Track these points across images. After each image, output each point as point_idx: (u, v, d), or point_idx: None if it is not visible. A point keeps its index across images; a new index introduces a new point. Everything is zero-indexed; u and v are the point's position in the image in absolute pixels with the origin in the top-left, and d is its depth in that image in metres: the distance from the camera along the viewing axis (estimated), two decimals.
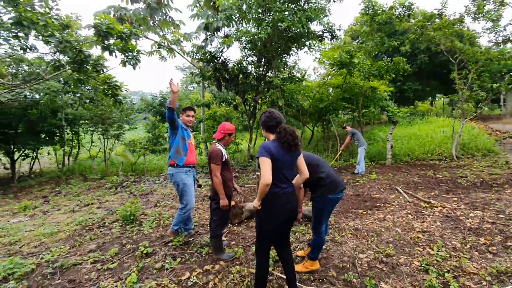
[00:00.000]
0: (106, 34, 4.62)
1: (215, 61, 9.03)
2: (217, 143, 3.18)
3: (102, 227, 4.54)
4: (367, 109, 11.66)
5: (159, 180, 8.48)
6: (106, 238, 4.03)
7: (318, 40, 8.85)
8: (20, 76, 7.52)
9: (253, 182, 7.21)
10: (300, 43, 8.88)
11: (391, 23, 9.23)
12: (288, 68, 10.19)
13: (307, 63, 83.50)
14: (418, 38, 9.73)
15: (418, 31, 9.49)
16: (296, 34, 8.00)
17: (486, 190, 5.44)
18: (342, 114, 14.15)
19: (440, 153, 9.33)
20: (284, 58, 9.71)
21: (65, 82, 9.37)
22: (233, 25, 8.64)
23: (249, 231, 3.99)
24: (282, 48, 8.92)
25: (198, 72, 9.57)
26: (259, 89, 9.34)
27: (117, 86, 6.24)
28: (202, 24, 8.72)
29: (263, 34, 7.27)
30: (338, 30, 8.84)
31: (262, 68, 9.51)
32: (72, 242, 3.98)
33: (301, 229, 3.96)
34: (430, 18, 9.26)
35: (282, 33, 8.02)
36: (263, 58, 9.25)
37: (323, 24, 8.24)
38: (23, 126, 9.48)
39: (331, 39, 9.08)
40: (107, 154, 10.35)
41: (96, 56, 5.72)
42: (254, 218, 2.42)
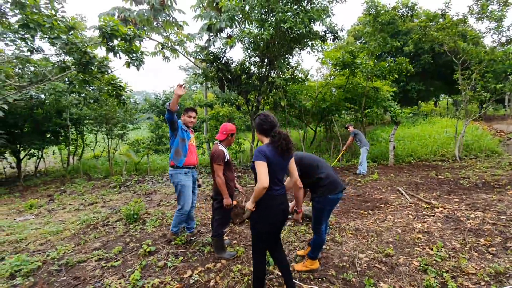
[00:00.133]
0: (110, 36, 4.70)
1: (218, 61, 9.08)
2: (219, 144, 3.23)
3: (106, 226, 4.62)
4: (370, 109, 11.65)
5: (162, 179, 8.56)
6: (110, 237, 4.10)
7: (320, 40, 8.88)
8: (26, 76, 7.64)
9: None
10: (302, 44, 8.90)
11: (394, 24, 9.24)
12: (290, 68, 10.21)
13: (310, 63, 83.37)
14: (421, 39, 9.71)
15: (421, 32, 9.47)
16: (298, 34, 8.03)
17: (488, 191, 5.44)
18: (345, 115, 14.14)
19: (443, 153, 9.31)
20: (286, 59, 9.73)
21: (70, 83, 9.50)
22: (236, 25, 8.68)
23: (250, 231, 4.04)
24: (285, 48, 8.95)
25: (201, 72, 9.63)
26: (262, 89, 9.38)
27: (121, 87, 6.33)
28: (205, 25, 8.78)
29: (266, 35, 7.31)
30: (340, 30, 8.86)
31: (264, 68, 9.54)
32: (77, 240, 4.06)
33: (301, 229, 4.01)
34: (433, 18, 9.24)
35: (284, 33, 8.05)
36: (266, 59, 9.28)
37: (326, 24, 8.26)
38: (29, 125, 9.62)
39: (334, 40, 9.10)
40: (111, 154, 10.45)
41: (100, 57, 5.81)
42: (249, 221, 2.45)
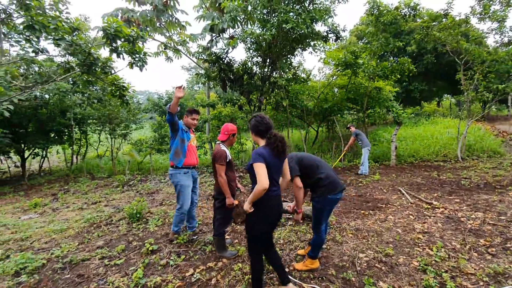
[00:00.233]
0: (114, 37, 4.75)
1: (220, 61, 9.13)
2: (221, 144, 3.27)
3: (109, 225, 4.68)
4: (372, 109, 11.64)
5: (165, 179, 8.62)
6: (113, 235, 4.16)
7: (322, 41, 8.89)
8: (31, 77, 7.72)
9: None
10: (304, 44, 8.92)
11: (397, 24, 9.22)
12: (292, 68, 10.23)
13: (313, 63, 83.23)
14: (424, 39, 9.69)
15: (423, 32, 9.45)
16: (300, 35, 8.05)
17: (489, 192, 5.44)
18: (347, 115, 14.13)
19: (445, 154, 9.29)
20: (289, 59, 9.76)
21: (73, 83, 9.57)
22: (238, 26, 8.71)
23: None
24: (287, 48, 8.97)
25: (203, 72, 9.68)
26: (264, 89, 9.41)
27: (124, 87, 6.39)
28: (207, 25, 8.83)
29: (268, 35, 7.34)
30: (342, 31, 8.87)
31: (267, 68, 9.57)
32: (80, 238, 4.12)
33: (302, 228, 4.04)
34: (436, 18, 9.22)
35: (286, 34, 8.07)
36: (268, 59, 9.31)
37: (328, 25, 8.28)
38: (33, 125, 9.72)
39: (336, 40, 9.11)
40: (114, 153, 10.55)
41: (104, 57, 5.87)
42: (245, 223, 2.49)
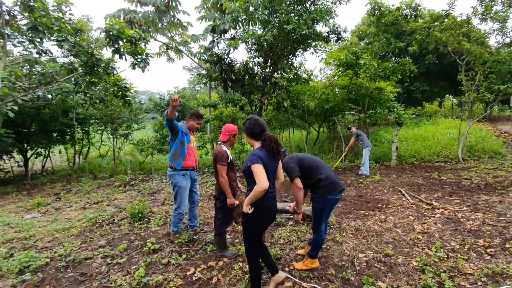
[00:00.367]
0: (116, 38, 4.80)
1: (222, 62, 9.17)
2: (222, 145, 3.31)
3: (111, 224, 4.72)
4: (374, 110, 11.66)
5: (166, 179, 8.67)
6: (115, 235, 4.21)
7: (324, 41, 8.91)
8: (34, 77, 7.79)
9: None
10: (306, 45, 8.94)
11: (398, 24, 9.22)
12: (294, 69, 10.26)
13: (314, 64, 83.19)
14: (425, 39, 9.69)
15: (425, 32, 9.45)
16: (302, 35, 8.06)
17: (489, 193, 5.45)
18: (348, 115, 14.14)
19: (446, 155, 9.28)
20: (290, 59, 9.78)
21: (76, 83, 9.66)
22: (239, 27, 8.75)
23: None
24: (288, 49, 9.00)
25: (205, 73, 9.73)
26: (265, 90, 9.44)
27: (126, 88, 6.44)
28: (209, 26, 8.87)
29: (269, 36, 7.37)
30: (344, 31, 8.88)
31: (268, 69, 9.59)
32: (83, 237, 4.17)
33: (302, 228, 4.07)
34: (437, 19, 9.22)
35: (288, 34, 8.09)
36: (269, 59, 9.33)
37: (329, 25, 8.29)
38: (36, 125, 9.80)
39: (337, 41, 9.12)
40: (116, 153, 10.61)
41: (106, 58, 5.92)
42: (243, 225, 2.52)
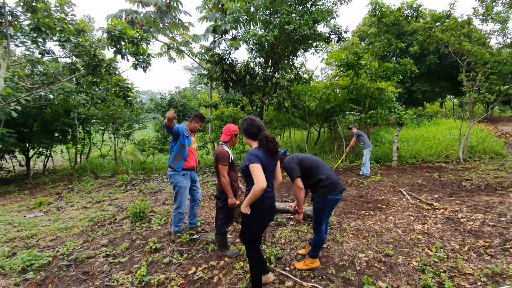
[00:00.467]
0: (118, 38, 4.83)
1: (223, 62, 9.19)
2: (223, 145, 3.33)
3: (113, 223, 4.75)
4: (374, 110, 11.67)
5: (167, 179, 8.69)
6: (117, 234, 4.23)
7: (325, 42, 8.93)
8: (36, 77, 7.82)
9: None
10: (307, 45, 8.96)
11: (399, 25, 9.23)
12: (295, 69, 10.27)
13: (315, 64, 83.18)
14: (426, 40, 9.69)
15: (426, 33, 9.45)
16: (303, 36, 8.08)
17: (490, 193, 5.45)
18: (349, 115, 14.14)
19: (447, 155, 9.28)
20: (291, 60, 9.80)
21: (77, 83, 9.70)
22: (240, 27, 8.77)
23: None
24: (289, 49, 9.01)
25: (206, 73, 9.75)
26: (266, 90, 9.46)
27: (128, 88, 6.47)
28: (210, 26, 8.90)
29: (270, 36, 7.39)
30: (345, 32, 8.90)
31: (269, 69, 9.61)
32: (85, 236, 4.20)
33: (303, 228, 4.09)
34: (438, 19, 9.22)
35: (289, 35, 8.11)
36: (270, 60, 9.35)
37: (330, 26, 8.31)
38: (38, 125, 9.84)
39: (338, 41, 9.14)
40: (118, 153, 10.64)
41: (108, 59, 5.94)
42: (242, 225, 2.54)
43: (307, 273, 2.94)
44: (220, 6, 9.03)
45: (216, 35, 9.20)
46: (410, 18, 9.21)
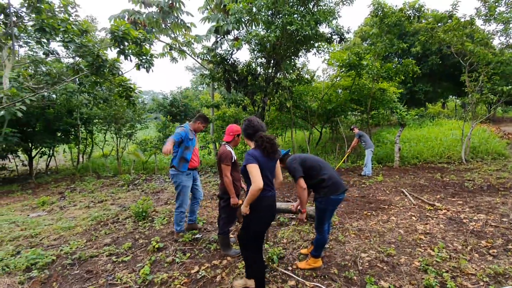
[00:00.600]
0: (122, 39, 4.86)
1: (225, 63, 9.22)
2: (226, 145, 3.35)
3: (116, 223, 4.78)
4: (376, 110, 11.66)
5: (169, 178, 8.70)
6: (120, 233, 4.26)
7: (327, 42, 8.94)
8: (39, 77, 7.86)
9: None
10: (308, 45, 8.98)
11: (401, 25, 9.22)
12: (296, 69, 10.29)
13: (317, 64, 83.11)
14: (428, 40, 9.68)
15: (428, 33, 9.44)
16: (305, 36, 8.10)
17: (492, 194, 5.44)
18: (351, 116, 14.13)
19: (449, 156, 9.27)
20: (293, 60, 9.81)
21: (80, 83, 9.75)
22: (242, 27, 8.80)
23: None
24: (291, 50, 9.04)
25: (208, 73, 9.78)
26: (268, 90, 9.48)
27: (131, 88, 6.49)
28: (212, 27, 8.93)
29: (272, 37, 7.41)
30: (347, 32, 8.91)
31: (271, 69, 9.63)
32: (88, 236, 4.22)
33: (305, 228, 4.10)
34: (440, 19, 9.21)
35: (291, 35, 8.13)
36: (272, 60, 9.37)
37: (332, 26, 8.33)
38: (41, 124, 9.88)
39: (340, 42, 9.15)
40: (120, 153, 10.68)
41: (111, 59, 5.97)
42: (242, 224, 2.55)
43: (310, 272, 2.96)
44: (222, 6, 9.07)
45: (218, 36, 9.22)
46: (412, 18, 9.21)
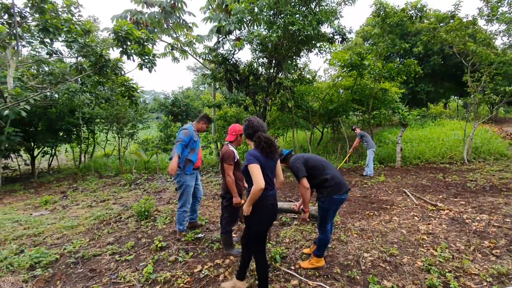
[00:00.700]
0: (125, 39, 4.87)
1: (227, 63, 9.21)
2: (229, 144, 3.35)
3: (118, 222, 4.79)
4: (378, 111, 11.65)
5: (171, 178, 8.73)
6: (122, 232, 4.27)
7: (328, 42, 8.93)
8: (41, 77, 7.90)
9: None
10: (310, 45, 8.96)
11: (403, 25, 9.21)
12: (298, 69, 10.28)
13: (318, 64, 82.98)
14: (430, 40, 9.66)
15: (430, 33, 9.42)
16: (306, 36, 8.08)
17: (495, 194, 5.43)
18: (352, 116, 14.12)
19: (451, 156, 9.25)
20: (294, 60, 9.81)
21: (82, 83, 9.78)
22: (244, 27, 8.81)
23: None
24: (293, 50, 9.03)
25: (209, 73, 9.79)
26: (269, 90, 9.47)
27: (133, 88, 6.51)
28: (214, 27, 8.95)
29: (274, 37, 7.41)
30: (349, 32, 8.90)
31: (272, 69, 9.63)
32: (91, 235, 4.24)
33: (307, 228, 4.10)
34: (442, 19, 9.19)
35: (292, 35, 8.12)
36: (274, 60, 9.36)
37: (334, 26, 8.32)
38: (43, 124, 9.92)
39: (342, 42, 9.14)
40: (121, 152, 10.71)
41: (113, 59, 5.99)
42: (245, 224, 2.56)
43: (312, 272, 2.96)
44: (224, 6, 9.07)
45: (220, 36, 9.23)
46: (414, 18, 9.18)
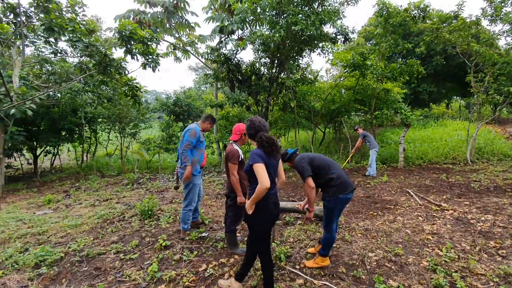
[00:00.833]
0: (129, 38, 4.88)
1: (229, 62, 9.22)
2: (233, 144, 3.35)
3: (122, 221, 4.79)
4: (380, 111, 11.63)
5: (173, 178, 8.74)
6: (126, 231, 4.27)
7: (331, 42, 8.93)
8: (43, 76, 7.92)
9: None
10: (313, 45, 8.96)
11: (406, 25, 9.19)
12: (300, 69, 10.28)
13: (320, 64, 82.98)
14: (433, 40, 9.64)
15: (433, 33, 9.40)
16: (309, 36, 8.08)
17: (499, 195, 5.41)
18: (355, 116, 14.09)
19: (454, 157, 9.22)
20: (296, 60, 9.81)
21: (85, 82, 9.80)
22: (247, 27, 8.81)
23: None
24: (295, 50, 9.02)
25: (212, 73, 9.79)
26: (272, 90, 9.47)
27: (137, 88, 6.52)
28: (217, 27, 8.94)
29: (277, 37, 7.41)
30: (351, 32, 8.89)
31: (274, 69, 9.63)
32: (95, 233, 4.25)
33: (311, 227, 4.10)
34: (445, 20, 9.17)
35: (295, 35, 8.12)
36: (276, 60, 9.37)
37: (337, 26, 8.31)
38: (46, 123, 9.94)
39: (344, 42, 9.13)
40: (123, 152, 10.72)
41: (117, 58, 5.99)
42: (248, 225, 2.55)
43: (318, 271, 2.95)
44: (226, 6, 9.07)
45: (222, 36, 9.24)
46: (417, 18, 9.16)
